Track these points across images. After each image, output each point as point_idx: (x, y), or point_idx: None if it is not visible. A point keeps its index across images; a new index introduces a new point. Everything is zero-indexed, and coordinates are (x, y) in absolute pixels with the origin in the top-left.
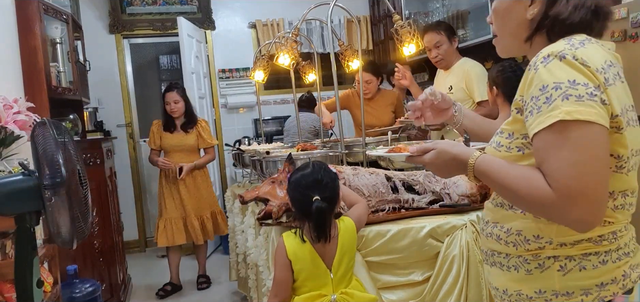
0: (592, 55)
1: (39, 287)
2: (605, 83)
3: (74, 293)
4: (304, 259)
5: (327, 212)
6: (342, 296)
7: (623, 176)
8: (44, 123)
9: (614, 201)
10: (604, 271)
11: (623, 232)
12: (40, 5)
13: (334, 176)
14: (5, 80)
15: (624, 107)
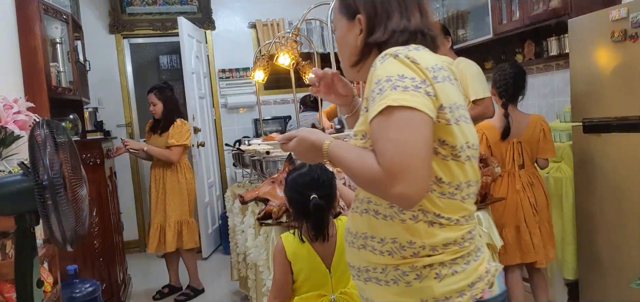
0: (423, 57)
1: (39, 287)
2: (433, 79)
3: (74, 293)
4: (303, 259)
5: (325, 210)
6: (341, 296)
7: (465, 164)
8: (40, 123)
9: (461, 192)
10: (471, 271)
11: (474, 230)
12: (40, 5)
13: (330, 174)
14: (5, 80)
15: (454, 105)
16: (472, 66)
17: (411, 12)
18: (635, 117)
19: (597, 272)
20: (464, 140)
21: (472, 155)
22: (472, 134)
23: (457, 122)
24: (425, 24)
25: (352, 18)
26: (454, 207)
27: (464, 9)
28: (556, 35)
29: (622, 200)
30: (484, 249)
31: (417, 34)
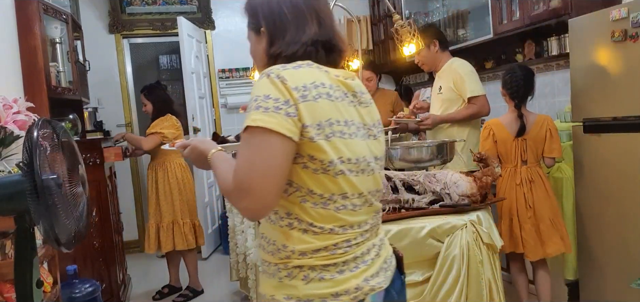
0: (297, 75)
1: (38, 287)
2: (301, 98)
3: (73, 293)
4: None
5: None
6: None
7: (339, 177)
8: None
9: (335, 203)
10: (339, 281)
11: (359, 240)
12: (40, 5)
13: None
14: (5, 80)
15: (326, 121)
16: (466, 65)
17: (307, 24)
18: (635, 117)
19: (597, 272)
20: (336, 155)
21: (351, 168)
22: (354, 148)
23: (328, 138)
24: (324, 34)
25: (257, 32)
26: (327, 217)
27: (464, 9)
28: (556, 35)
29: (622, 200)
30: (373, 264)
31: (310, 45)
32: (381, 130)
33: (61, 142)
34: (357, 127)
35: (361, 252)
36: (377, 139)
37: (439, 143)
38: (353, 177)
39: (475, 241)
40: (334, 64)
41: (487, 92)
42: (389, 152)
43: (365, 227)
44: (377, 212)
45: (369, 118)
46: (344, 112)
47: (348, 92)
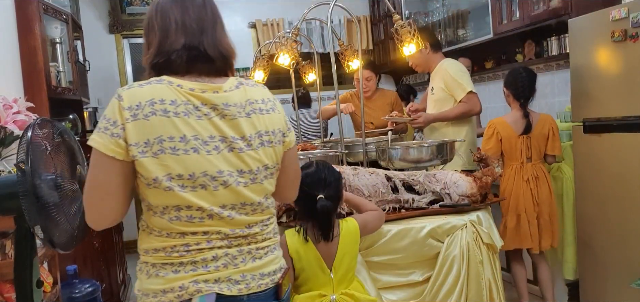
0: (137, 94)
1: (38, 287)
2: (131, 118)
3: (73, 293)
4: (305, 258)
5: (332, 210)
6: (342, 297)
7: (168, 192)
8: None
9: (168, 214)
10: (170, 280)
11: (202, 246)
12: (40, 5)
13: (337, 175)
14: (5, 80)
15: (155, 139)
16: (454, 65)
17: (170, 36)
18: (635, 117)
19: (597, 272)
20: (163, 172)
21: (184, 184)
22: (189, 164)
23: (156, 155)
24: (189, 45)
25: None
26: (163, 225)
27: (464, 9)
28: (556, 35)
29: (622, 200)
30: (219, 270)
31: (172, 56)
32: (262, 142)
33: (61, 142)
34: (204, 142)
35: (203, 258)
36: (245, 152)
37: (439, 143)
38: (187, 192)
39: (475, 241)
40: (205, 73)
41: (488, 92)
42: (389, 152)
43: (214, 236)
44: (250, 226)
45: (234, 131)
46: (183, 127)
47: (204, 105)
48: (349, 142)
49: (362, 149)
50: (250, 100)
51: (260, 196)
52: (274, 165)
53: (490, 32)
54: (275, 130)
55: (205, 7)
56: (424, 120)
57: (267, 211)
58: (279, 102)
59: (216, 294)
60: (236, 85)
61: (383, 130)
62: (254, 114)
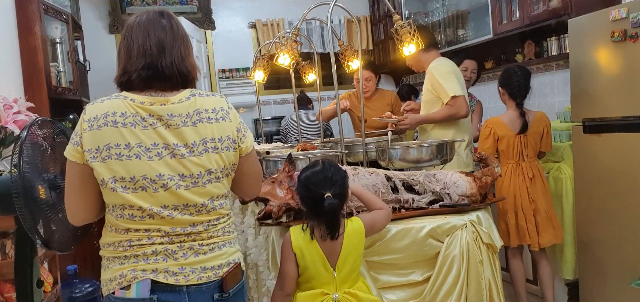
0: (96, 108)
1: (39, 287)
2: (87, 128)
3: (73, 293)
4: (309, 256)
5: (338, 208)
6: (344, 296)
7: (113, 193)
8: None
9: (115, 212)
10: (114, 270)
11: (144, 242)
12: (40, 5)
13: (343, 173)
14: (5, 80)
15: (105, 145)
16: (443, 67)
17: (131, 58)
18: (635, 117)
19: (597, 272)
20: (109, 175)
21: (126, 186)
22: (132, 168)
23: (104, 160)
24: (148, 66)
25: None
26: (112, 221)
27: (464, 9)
28: (556, 35)
29: (622, 200)
30: (159, 264)
31: (131, 75)
32: (206, 148)
33: (60, 142)
34: (147, 149)
35: (143, 252)
36: (186, 158)
37: (439, 143)
38: (128, 193)
39: (475, 241)
40: (161, 89)
41: (488, 92)
42: (389, 152)
43: (154, 233)
44: (194, 224)
45: (177, 139)
46: (129, 136)
47: (151, 116)
48: (349, 142)
49: (362, 149)
50: (198, 110)
51: (204, 198)
52: (221, 169)
53: (490, 32)
54: (222, 137)
55: (168, 31)
56: (410, 121)
57: (214, 212)
58: (234, 111)
59: (151, 281)
60: (187, 97)
61: (383, 131)
62: (201, 122)
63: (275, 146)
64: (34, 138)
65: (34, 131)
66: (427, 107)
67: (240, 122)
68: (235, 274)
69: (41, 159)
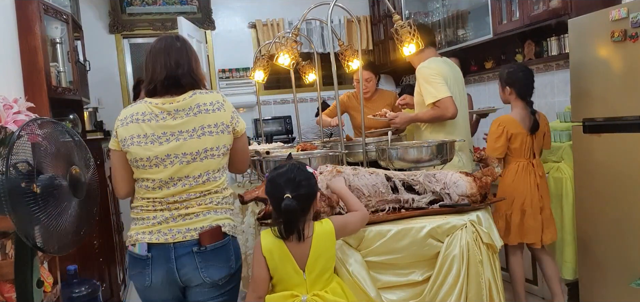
0: (126, 111)
1: (39, 287)
2: (119, 125)
3: (73, 293)
4: (278, 257)
5: (298, 210)
6: (313, 298)
7: (137, 169)
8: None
9: (138, 183)
10: (130, 230)
11: (148, 208)
12: (40, 5)
13: (309, 175)
14: (5, 80)
15: (129, 136)
16: (425, 69)
17: (154, 71)
18: (635, 117)
19: (597, 272)
20: (134, 156)
21: (144, 164)
22: (148, 153)
23: (130, 147)
24: (165, 76)
25: None
26: (137, 190)
27: (464, 9)
28: (556, 35)
29: (622, 200)
30: (154, 226)
31: (153, 84)
32: (203, 132)
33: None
34: (158, 137)
35: (147, 217)
36: (188, 141)
37: (439, 143)
38: (147, 170)
39: (475, 240)
40: (176, 93)
41: (488, 92)
42: (389, 152)
43: (156, 203)
44: (183, 200)
45: (181, 127)
46: (146, 128)
47: (162, 112)
48: (349, 142)
49: (362, 149)
50: (198, 104)
51: (201, 171)
52: (216, 148)
53: (490, 32)
54: (218, 123)
55: (182, 51)
56: (400, 120)
57: (209, 183)
58: (228, 103)
59: (147, 244)
60: (190, 95)
61: (383, 131)
62: (201, 113)
63: (275, 146)
64: (34, 138)
65: (32, 131)
66: (418, 108)
67: (233, 111)
68: (213, 234)
69: (41, 159)
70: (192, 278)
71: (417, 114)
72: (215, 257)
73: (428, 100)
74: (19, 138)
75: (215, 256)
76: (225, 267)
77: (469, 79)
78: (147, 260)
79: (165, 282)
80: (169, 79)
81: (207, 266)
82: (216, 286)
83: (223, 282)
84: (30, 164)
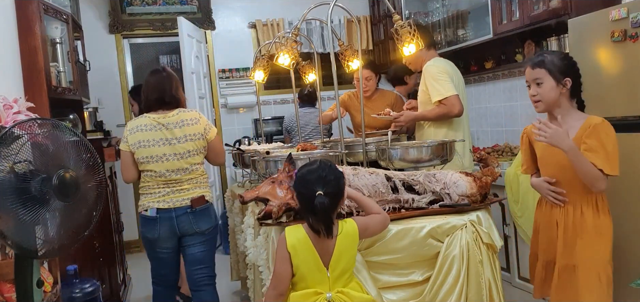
0: (133, 123)
1: (39, 287)
2: (128, 133)
3: (73, 293)
4: (302, 254)
5: (330, 207)
6: (337, 295)
7: (142, 164)
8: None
9: (144, 173)
10: (142, 201)
11: (155, 188)
12: (40, 5)
13: (339, 174)
14: (5, 80)
15: (137, 142)
16: (432, 67)
17: (149, 93)
18: (635, 117)
19: None
20: (140, 156)
21: (148, 160)
22: (150, 153)
23: (137, 148)
24: (158, 97)
25: None
26: (143, 178)
27: (464, 9)
28: (556, 35)
29: (621, 200)
30: (161, 198)
31: (149, 103)
32: (186, 139)
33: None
34: (156, 141)
35: (153, 191)
36: (177, 145)
37: (439, 143)
38: (149, 164)
39: (475, 240)
40: (166, 109)
41: (487, 92)
42: (389, 152)
43: (160, 183)
44: (178, 181)
45: (171, 135)
46: (148, 136)
47: (159, 125)
48: (349, 142)
49: (362, 149)
50: (182, 119)
51: (188, 165)
52: (196, 149)
53: (490, 32)
54: (195, 133)
55: (167, 79)
56: (405, 119)
57: (193, 172)
58: (203, 118)
59: (156, 209)
60: (177, 112)
61: (383, 131)
62: (185, 125)
63: (275, 146)
64: (33, 138)
65: (33, 131)
66: (423, 107)
67: (206, 124)
68: (199, 199)
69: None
70: (187, 229)
71: (422, 112)
72: (201, 215)
73: (435, 98)
74: (18, 138)
75: (202, 214)
76: (209, 221)
77: (469, 79)
78: (156, 219)
79: (168, 233)
80: (157, 99)
81: (197, 221)
82: (202, 234)
83: (207, 232)
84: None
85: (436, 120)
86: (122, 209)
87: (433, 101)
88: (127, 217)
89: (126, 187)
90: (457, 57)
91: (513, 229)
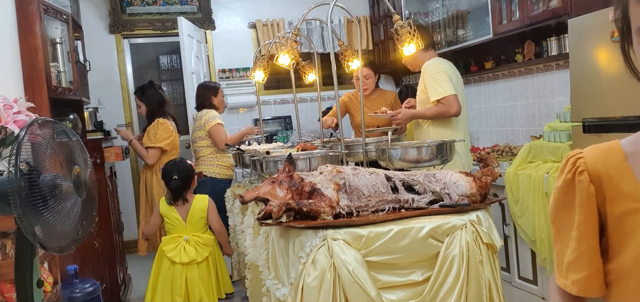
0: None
1: (39, 287)
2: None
3: (74, 293)
4: (169, 215)
5: (180, 187)
6: (192, 237)
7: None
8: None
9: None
10: None
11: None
12: (40, 5)
13: (189, 167)
14: (5, 80)
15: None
16: (431, 66)
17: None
18: (635, 117)
19: None
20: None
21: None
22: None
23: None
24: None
25: None
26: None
27: (464, 9)
28: (556, 35)
29: None
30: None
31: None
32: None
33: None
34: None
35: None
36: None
37: (439, 143)
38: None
39: (475, 240)
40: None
41: (487, 92)
42: (389, 152)
43: None
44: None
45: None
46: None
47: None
48: (349, 142)
49: (362, 149)
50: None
51: (197, 147)
52: (201, 137)
53: (490, 32)
54: (200, 125)
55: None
56: (402, 116)
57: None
58: (206, 116)
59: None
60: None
61: (383, 130)
62: (195, 121)
63: (275, 146)
64: (34, 138)
65: (34, 131)
66: (421, 106)
67: (206, 119)
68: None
69: (41, 159)
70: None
71: (420, 110)
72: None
73: (433, 97)
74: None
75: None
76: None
77: (469, 79)
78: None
79: None
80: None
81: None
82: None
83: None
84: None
85: (433, 119)
86: (122, 209)
87: (431, 100)
88: (127, 217)
89: (126, 187)
90: (457, 57)
91: (513, 229)
